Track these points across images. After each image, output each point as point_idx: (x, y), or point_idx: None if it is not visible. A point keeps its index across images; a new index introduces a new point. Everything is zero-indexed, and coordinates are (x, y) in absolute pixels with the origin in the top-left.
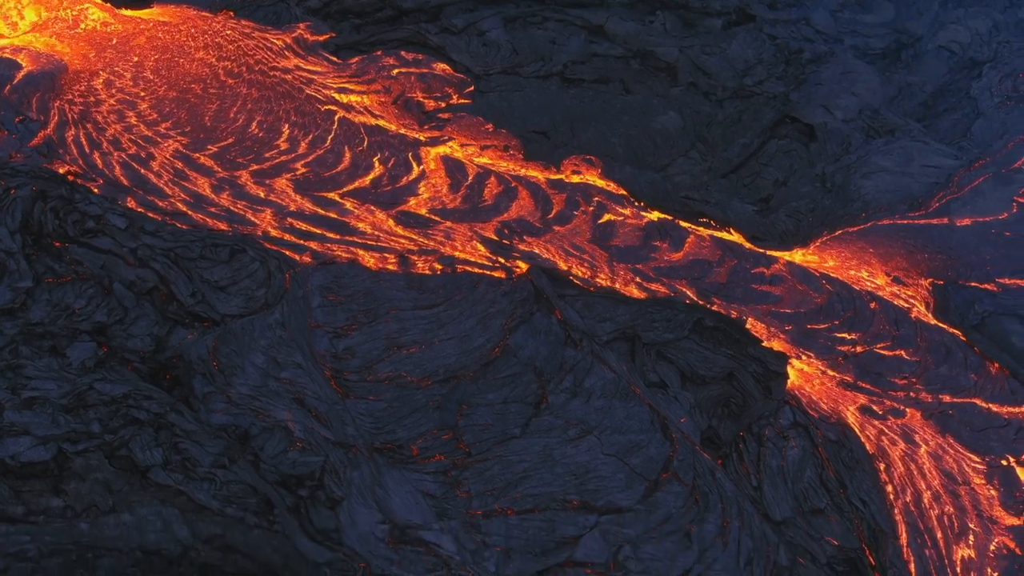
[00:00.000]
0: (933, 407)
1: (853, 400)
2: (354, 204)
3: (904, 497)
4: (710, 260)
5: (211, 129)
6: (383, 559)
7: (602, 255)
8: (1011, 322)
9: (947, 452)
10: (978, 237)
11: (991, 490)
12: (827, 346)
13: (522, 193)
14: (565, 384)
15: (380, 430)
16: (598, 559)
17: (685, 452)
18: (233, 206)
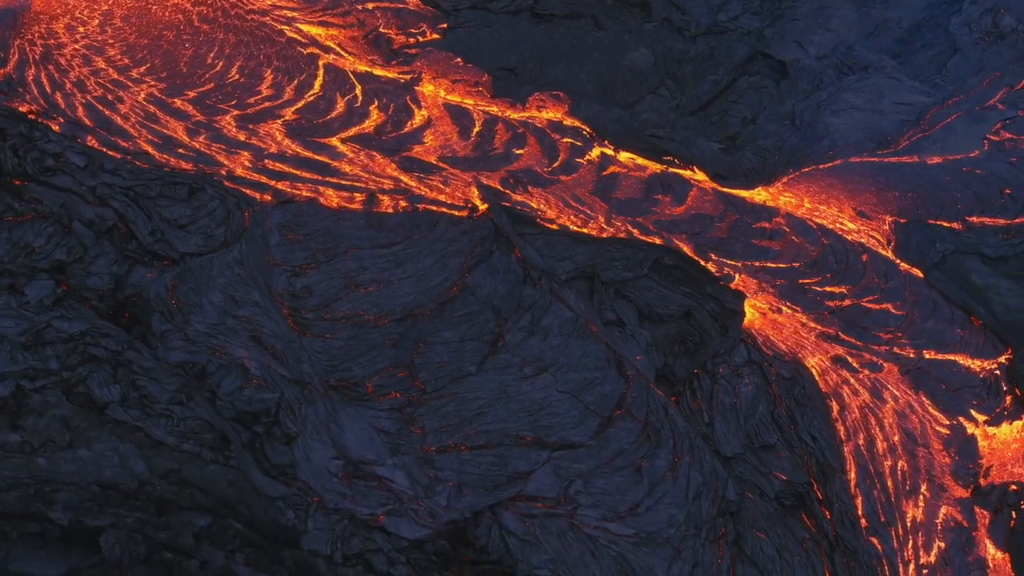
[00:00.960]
0: (912, 363)
1: (822, 347)
2: (352, 149)
3: (856, 439)
4: (711, 215)
5: (187, 75)
6: (336, 493)
7: (602, 207)
8: (972, 260)
9: (915, 411)
10: (948, 175)
11: (946, 457)
12: (815, 300)
13: (530, 140)
14: (523, 322)
15: (336, 368)
16: (549, 493)
17: (639, 389)
18: (207, 148)
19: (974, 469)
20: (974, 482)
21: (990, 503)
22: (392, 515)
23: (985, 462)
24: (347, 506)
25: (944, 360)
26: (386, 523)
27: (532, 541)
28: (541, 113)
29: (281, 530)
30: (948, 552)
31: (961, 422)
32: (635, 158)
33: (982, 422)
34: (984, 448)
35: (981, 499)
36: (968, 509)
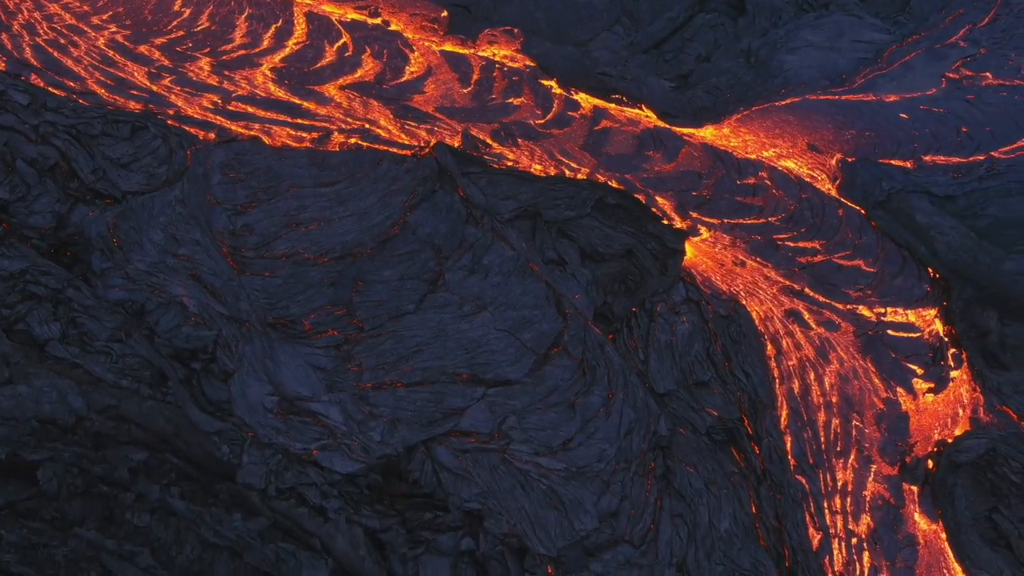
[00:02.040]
0: (869, 326)
1: (780, 301)
2: (347, 97)
3: (791, 383)
4: (700, 171)
5: (152, 23)
6: (271, 429)
7: (590, 162)
8: (919, 199)
9: (858, 377)
10: (906, 112)
11: (876, 432)
12: (788, 257)
13: (525, 90)
14: (463, 261)
15: (274, 305)
16: (483, 429)
17: (576, 327)
18: (167, 91)
19: (902, 447)
20: (901, 460)
21: (917, 477)
22: (326, 450)
23: (913, 439)
24: (281, 441)
25: (903, 323)
26: (319, 458)
27: (464, 475)
28: (489, 51)
29: (216, 464)
30: (877, 530)
31: (899, 395)
32: (588, 97)
33: (921, 392)
34: (914, 424)
35: (908, 475)
36: (896, 486)
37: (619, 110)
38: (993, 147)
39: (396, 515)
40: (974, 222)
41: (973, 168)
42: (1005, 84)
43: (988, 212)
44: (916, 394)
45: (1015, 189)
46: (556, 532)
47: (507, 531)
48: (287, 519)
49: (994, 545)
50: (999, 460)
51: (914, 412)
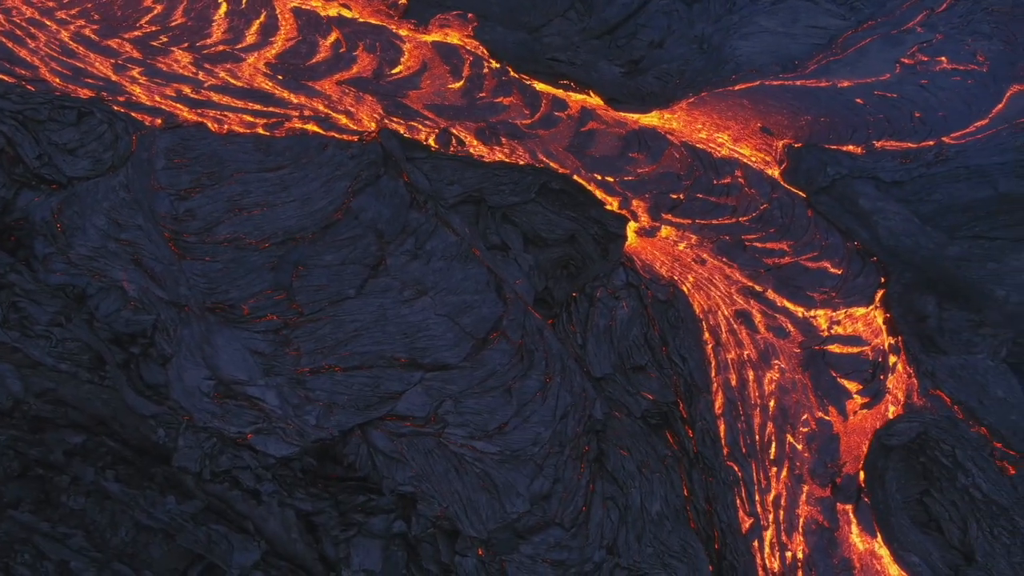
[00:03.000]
0: (817, 339)
1: (735, 302)
2: (340, 91)
3: (727, 374)
4: (679, 173)
5: (122, 19)
6: (206, 412)
7: (574, 163)
8: (864, 184)
9: (795, 390)
10: (862, 98)
11: (807, 453)
12: (754, 257)
13: (514, 90)
14: (406, 246)
15: (214, 290)
16: (419, 412)
17: (516, 312)
18: (132, 83)
19: (833, 469)
20: (832, 481)
21: (850, 496)
22: (260, 433)
23: (843, 460)
24: (216, 425)
25: (850, 336)
26: (254, 441)
27: (399, 458)
28: (438, 35)
29: (152, 447)
30: (812, 555)
31: (831, 415)
32: (535, 83)
33: (853, 411)
34: (844, 445)
35: (841, 495)
36: (830, 508)
37: (606, 110)
38: (945, 132)
39: (329, 498)
40: (919, 207)
41: (922, 153)
42: (959, 68)
43: (933, 198)
44: (847, 415)
45: (962, 174)
46: (487, 515)
47: (439, 514)
48: (221, 502)
49: (924, 528)
50: (930, 444)
51: (844, 433)
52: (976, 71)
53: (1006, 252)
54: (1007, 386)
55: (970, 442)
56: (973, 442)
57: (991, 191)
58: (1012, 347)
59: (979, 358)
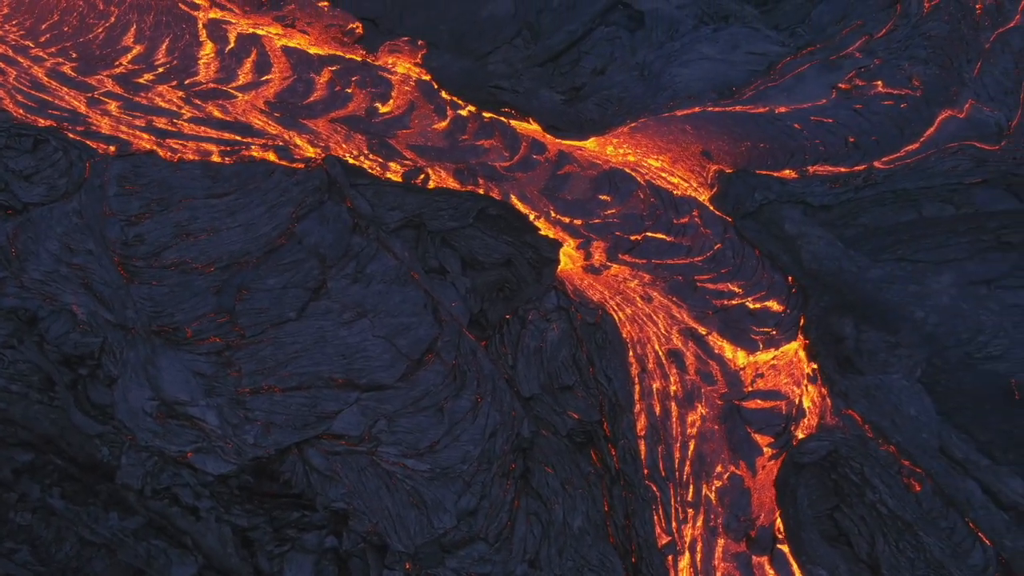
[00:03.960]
0: (738, 394)
1: (670, 340)
2: (331, 129)
3: (650, 400)
4: (642, 215)
5: (100, 58)
6: (149, 432)
7: (547, 206)
8: (790, 209)
9: (713, 439)
10: (799, 123)
11: (721, 507)
12: (704, 299)
13: (496, 133)
14: (347, 270)
15: (159, 313)
16: (353, 431)
17: (451, 334)
18: (103, 115)
19: (745, 522)
20: (746, 535)
21: (764, 547)
22: (200, 452)
23: (755, 514)
24: (158, 444)
25: (769, 390)
26: (193, 459)
27: (333, 476)
28: (388, 61)
29: (97, 465)
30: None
31: (743, 470)
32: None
33: (762, 467)
34: (755, 500)
35: (756, 548)
36: (745, 563)
37: (582, 152)
38: (877, 156)
39: (264, 514)
40: (844, 231)
41: (851, 178)
42: (894, 93)
43: (859, 222)
44: (756, 470)
45: (889, 198)
46: (415, 530)
47: (369, 529)
48: (161, 518)
49: (834, 542)
50: (841, 461)
51: (755, 488)
52: (910, 95)
53: (927, 274)
54: (920, 405)
55: (878, 460)
56: (881, 460)
57: (915, 215)
58: (926, 367)
59: (894, 378)
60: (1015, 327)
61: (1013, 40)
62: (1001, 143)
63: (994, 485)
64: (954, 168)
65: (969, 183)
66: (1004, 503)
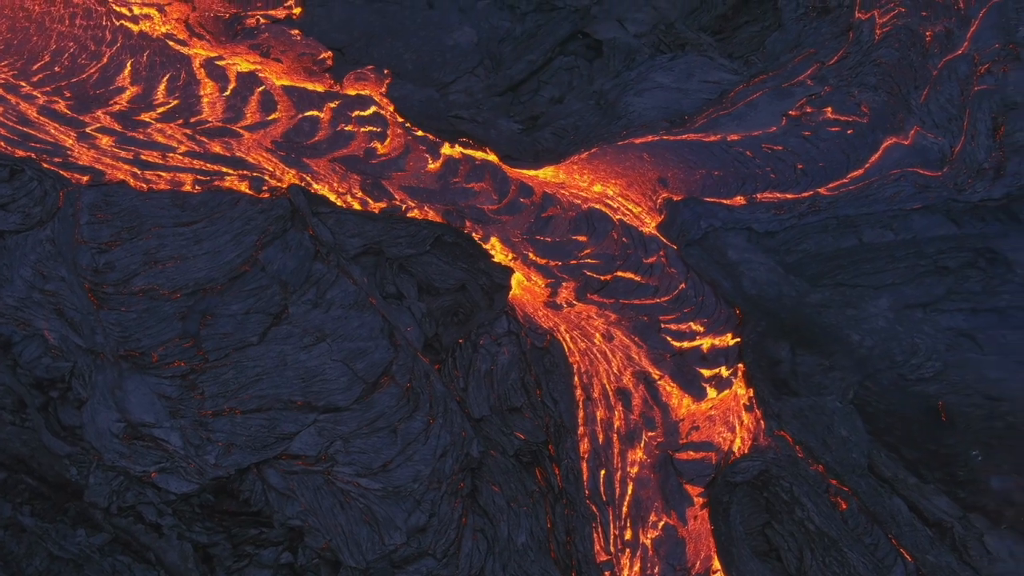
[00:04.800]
0: (672, 446)
1: (617, 377)
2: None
3: (594, 426)
4: (614, 254)
5: (94, 98)
6: (115, 452)
7: (528, 250)
8: (735, 236)
9: (648, 487)
10: (751, 151)
11: (657, 557)
12: (664, 340)
13: (487, 176)
14: (308, 296)
15: (127, 338)
16: (311, 452)
17: (405, 357)
18: (89, 147)
19: (680, 572)
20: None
21: None
22: (163, 472)
23: (690, 562)
24: (123, 464)
25: (700, 442)
26: (157, 479)
27: (289, 494)
28: (357, 88)
29: (66, 484)
30: None
31: (676, 520)
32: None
33: (692, 517)
34: (690, 550)
35: None
36: None
37: (564, 194)
38: (823, 183)
39: (224, 531)
40: (785, 257)
41: (797, 205)
42: (842, 119)
43: (801, 248)
44: (687, 521)
45: (831, 225)
46: (367, 547)
47: (324, 546)
48: (126, 534)
49: (765, 556)
50: (772, 480)
51: (689, 538)
52: (857, 122)
53: (865, 299)
54: (851, 426)
55: (807, 479)
56: (810, 479)
57: (856, 241)
58: (859, 389)
59: (827, 400)
60: (948, 349)
61: (960, 67)
62: (943, 169)
63: (920, 503)
64: (896, 194)
65: (910, 209)
66: (929, 520)
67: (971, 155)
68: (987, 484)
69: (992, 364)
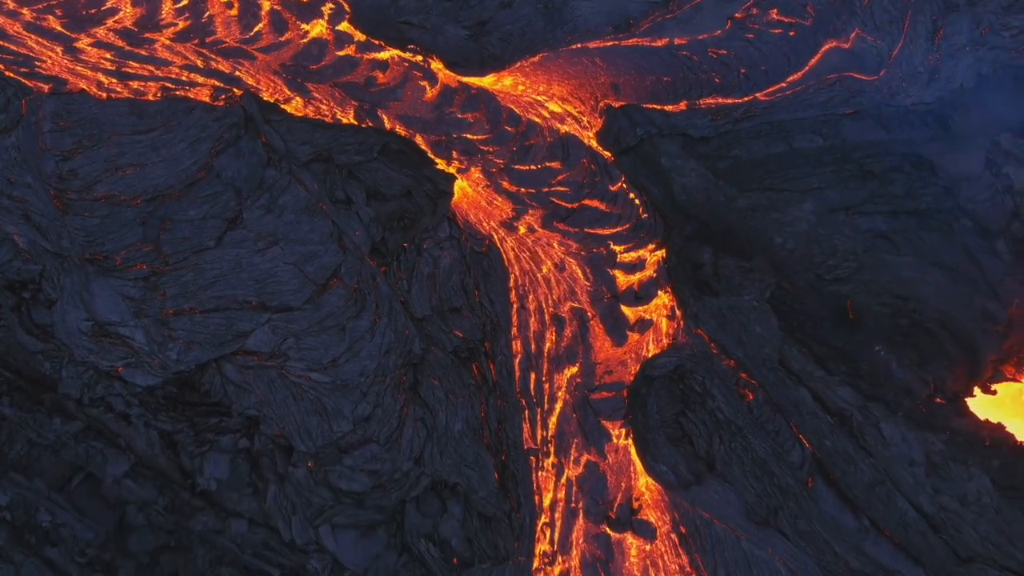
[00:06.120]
0: (589, 388)
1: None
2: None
3: (527, 332)
4: (582, 181)
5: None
6: (84, 349)
7: (506, 179)
8: (669, 143)
9: (569, 423)
10: (696, 55)
11: (581, 493)
12: (611, 277)
13: (481, 107)
14: (261, 201)
15: (92, 242)
16: (265, 348)
17: (353, 260)
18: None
19: (604, 507)
20: (605, 517)
21: (623, 524)
22: (129, 367)
23: (611, 495)
24: (92, 360)
25: (614, 382)
26: (124, 373)
27: (246, 387)
28: None
29: (42, 378)
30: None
31: (596, 456)
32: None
33: (612, 451)
34: (612, 482)
35: (616, 526)
36: (604, 542)
37: (546, 122)
38: (763, 87)
39: (187, 420)
40: (717, 164)
41: (734, 110)
42: (785, 21)
43: (732, 154)
44: (606, 455)
45: (764, 131)
46: (317, 434)
47: (277, 433)
48: (97, 423)
49: (677, 443)
50: (687, 374)
51: (610, 471)
52: (801, 24)
53: (791, 203)
54: (765, 324)
55: (719, 373)
56: (721, 373)
57: (786, 147)
58: (776, 290)
59: (745, 299)
60: (865, 251)
61: None
62: (880, 73)
63: (824, 393)
64: (830, 99)
65: (841, 114)
66: (831, 409)
67: (908, 59)
68: (889, 376)
69: (906, 265)
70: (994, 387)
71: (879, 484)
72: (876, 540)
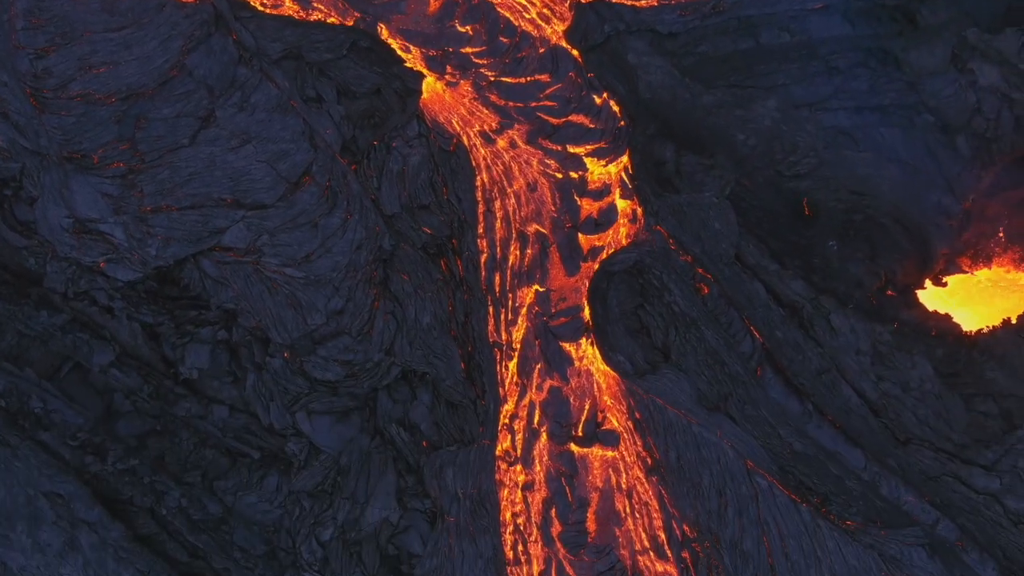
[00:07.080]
0: (547, 315)
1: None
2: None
3: (493, 234)
4: (569, 96)
5: None
6: (66, 245)
7: (495, 94)
8: (637, 39)
9: (532, 349)
10: None
11: (544, 416)
12: (575, 205)
13: (482, 19)
14: (233, 99)
15: (69, 141)
16: (240, 244)
17: (324, 158)
18: None
19: (566, 428)
20: (569, 437)
21: (587, 440)
22: (111, 262)
23: (574, 417)
24: (75, 255)
25: (570, 306)
26: (106, 268)
27: (223, 281)
28: None
29: (27, 273)
30: (552, 498)
31: (558, 380)
32: None
33: (575, 373)
34: (575, 405)
35: (580, 442)
36: (568, 459)
37: (539, 31)
38: None
39: (167, 313)
40: (683, 60)
41: (702, 4)
42: None
43: (699, 50)
44: (569, 379)
45: (732, 27)
46: (292, 326)
47: (255, 325)
48: (83, 315)
49: (635, 334)
50: (645, 269)
51: (572, 394)
52: None
53: (755, 100)
54: (724, 220)
55: (676, 268)
56: (678, 268)
57: (753, 43)
58: (736, 186)
59: (705, 196)
60: (826, 147)
61: None
62: None
63: (777, 286)
64: None
65: (809, 9)
66: (783, 301)
67: None
68: (841, 270)
69: (864, 161)
70: (945, 279)
71: (825, 372)
72: (819, 424)
